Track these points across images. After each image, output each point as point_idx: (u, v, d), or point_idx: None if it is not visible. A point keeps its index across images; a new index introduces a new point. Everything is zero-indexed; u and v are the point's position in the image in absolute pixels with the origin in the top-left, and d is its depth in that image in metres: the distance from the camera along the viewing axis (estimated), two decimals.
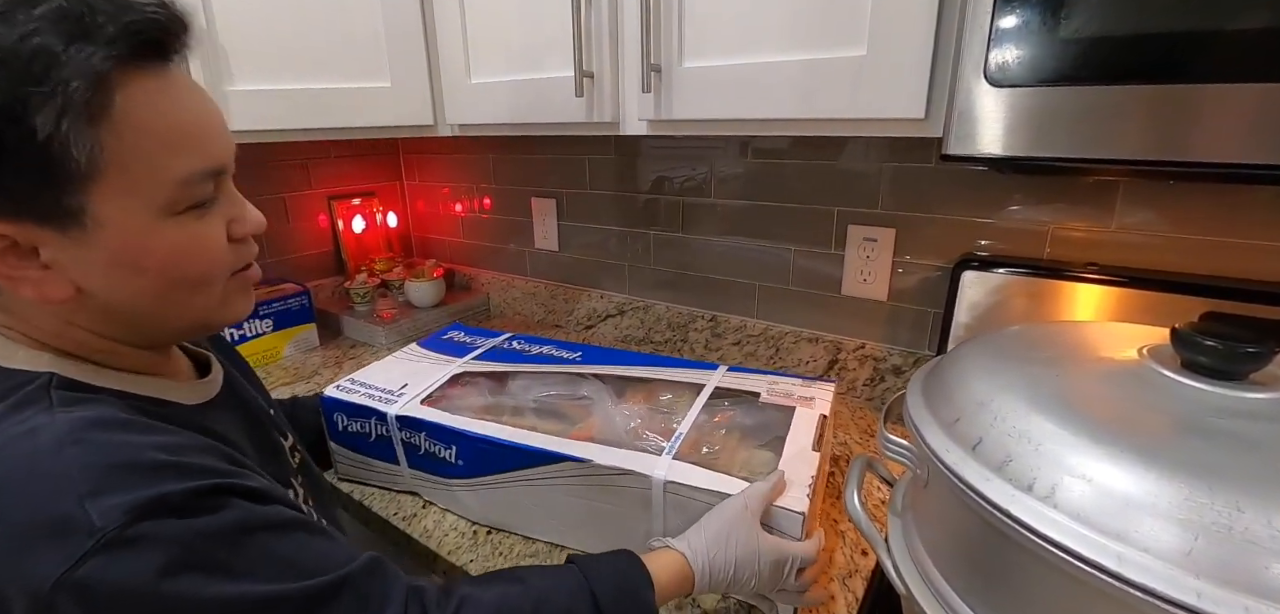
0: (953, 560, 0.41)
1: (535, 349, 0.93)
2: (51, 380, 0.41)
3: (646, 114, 0.80)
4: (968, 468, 0.36)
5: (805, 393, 0.77)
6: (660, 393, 0.80)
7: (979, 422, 0.38)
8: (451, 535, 0.74)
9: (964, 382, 0.41)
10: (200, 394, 0.51)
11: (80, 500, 0.33)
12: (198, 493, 0.36)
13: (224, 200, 0.46)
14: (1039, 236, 0.86)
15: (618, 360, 0.88)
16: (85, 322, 0.43)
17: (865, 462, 0.53)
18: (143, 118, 0.39)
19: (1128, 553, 0.29)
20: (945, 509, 0.41)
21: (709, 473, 0.61)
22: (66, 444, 0.36)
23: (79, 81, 0.35)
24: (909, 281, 0.97)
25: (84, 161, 0.37)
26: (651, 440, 0.68)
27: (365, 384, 0.81)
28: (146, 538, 0.34)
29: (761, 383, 0.79)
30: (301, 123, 0.97)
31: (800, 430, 0.68)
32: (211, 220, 0.45)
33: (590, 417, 0.75)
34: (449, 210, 1.57)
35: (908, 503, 0.49)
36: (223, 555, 0.36)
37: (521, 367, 0.87)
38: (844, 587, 0.66)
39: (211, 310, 0.47)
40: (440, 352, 0.93)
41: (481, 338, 0.98)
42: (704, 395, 0.77)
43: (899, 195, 0.95)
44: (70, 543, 0.32)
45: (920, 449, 0.42)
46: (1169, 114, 0.48)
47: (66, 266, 0.40)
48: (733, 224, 1.12)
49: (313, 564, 0.39)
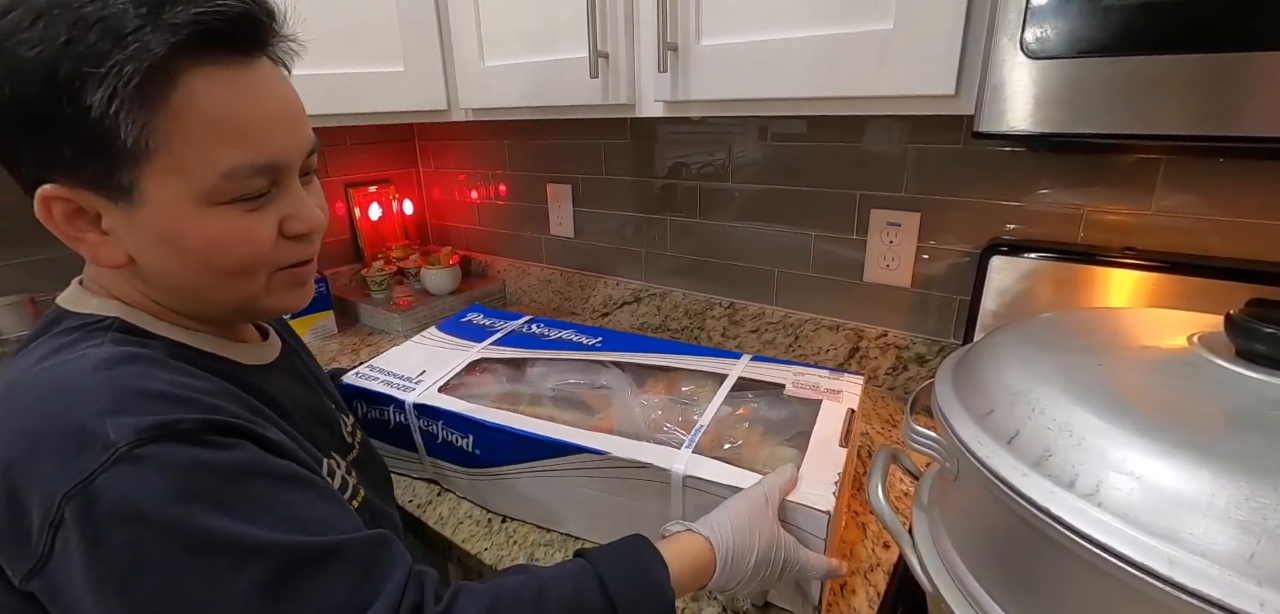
0: (984, 559, 0.39)
1: (554, 335, 0.92)
2: (114, 324, 0.44)
3: (663, 95, 0.78)
4: (1003, 462, 0.34)
5: (832, 385, 0.73)
6: (681, 383, 0.78)
7: (1015, 413, 0.35)
8: (466, 523, 0.73)
9: (997, 371, 0.39)
10: (258, 357, 0.53)
11: (100, 415, 0.35)
12: (209, 425, 0.38)
13: (284, 195, 0.46)
14: (1072, 220, 0.82)
15: (638, 347, 0.86)
16: (144, 289, 0.46)
17: (889, 453, 0.51)
18: (199, 106, 0.39)
19: (1181, 556, 0.27)
20: (976, 505, 0.39)
21: (730, 468, 0.59)
22: (101, 368, 0.38)
23: (133, 65, 0.36)
24: (934, 268, 0.94)
25: (133, 142, 0.38)
26: (671, 432, 0.66)
27: (384, 371, 0.81)
28: (152, 459, 0.35)
29: (786, 374, 0.76)
30: (316, 109, 0.94)
31: (826, 424, 0.66)
32: (262, 214, 0.45)
33: (609, 406, 0.73)
34: (465, 197, 1.57)
35: (934, 497, 0.47)
36: (224, 492, 0.36)
37: (540, 353, 0.86)
38: (865, 581, 0.64)
39: (255, 298, 0.47)
40: (459, 336, 0.92)
41: (501, 321, 0.97)
42: (726, 387, 0.74)
43: (924, 178, 0.91)
44: (86, 455, 0.34)
45: (950, 441, 0.40)
46: (1220, 85, 0.45)
47: (122, 236, 0.42)
48: (751, 209, 1.09)
49: (314, 524, 0.39)
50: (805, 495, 0.55)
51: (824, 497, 0.55)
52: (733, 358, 0.81)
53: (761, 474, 0.57)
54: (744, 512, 0.52)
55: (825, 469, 0.58)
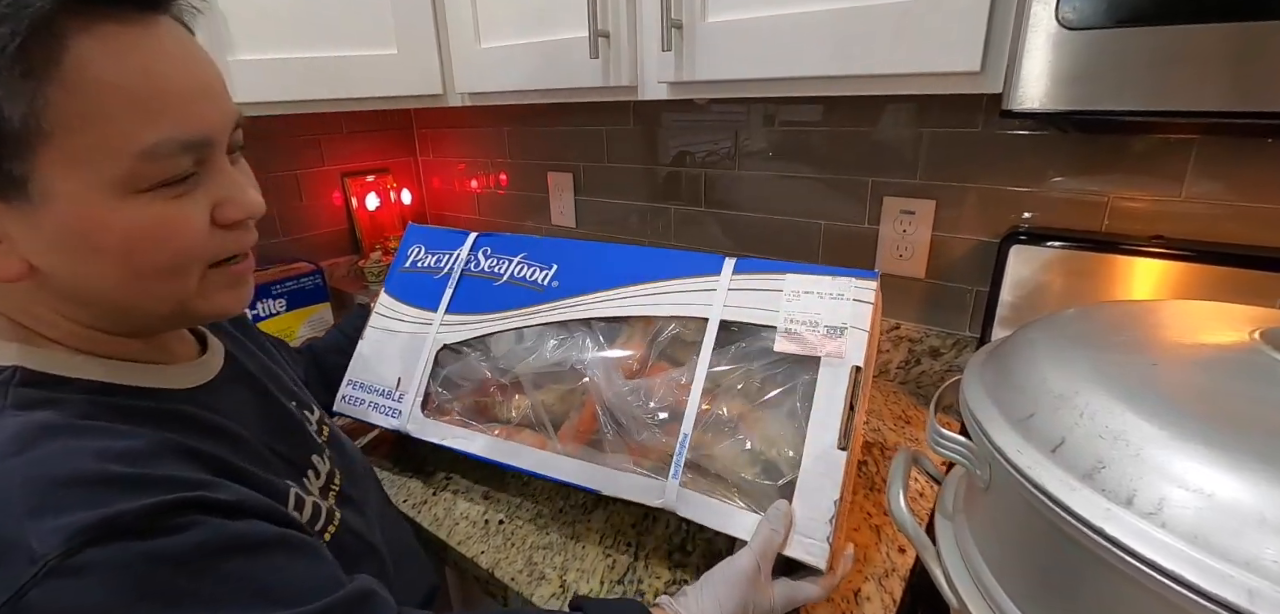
0: (1020, 576, 0.35)
1: (505, 270, 0.78)
2: (14, 377, 0.36)
3: (666, 76, 0.74)
4: (1047, 474, 0.30)
5: (832, 320, 0.58)
6: (661, 327, 0.68)
7: (1060, 419, 0.32)
8: (462, 524, 0.70)
9: (1036, 370, 0.36)
10: (197, 375, 0.46)
11: (20, 521, 0.29)
12: (157, 511, 0.32)
13: (211, 178, 0.39)
14: (1096, 207, 0.78)
15: (599, 279, 0.72)
16: (52, 304, 0.38)
17: (910, 457, 0.48)
18: (101, 75, 0.33)
19: (1262, 586, 0.24)
20: (1012, 517, 0.35)
21: (718, 505, 0.57)
22: (9, 454, 0.32)
23: (9, 27, 0.30)
24: (949, 257, 0.90)
25: (21, 123, 0.31)
26: (655, 433, 0.62)
27: (363, 386, 0.78)
28: (94, 565, 0.29)
29: (775, 309, 0.61)
30: (306, 93, 0.93)
31: (824, 408, 0.56)
32: (191, 201, 0.38)
33: (587, 395, 0.68)
34: (464, 187, 1.53)
35: (959, 505, 0.44)
36: (184, 582, 0.31)
37: (501, 321, 0.75)
38: (880, 587, 0.61)
39: (187, 302, 0.40)
40: (411, 301, 0.82)
41: (444, 254, 0.83)
42: (710, 336, 0.63)
43: (940, 163, 0.87)
44: (9, 570, 0.28)
45: (982, 447, 0.36)
46: (1270, 55, 0.41)
47: (18, 241, 0.35)
48: (759, 197, 1.05)
49: (288, 591, 0.35)
50: (799, 545, 0.52)
51: (818, 549, 0.52)
52: (712, 272, 0.66)
53: (747, 508, 0.56)
54: (737, 597, 0.48)
55: (821, 498, 0.53)
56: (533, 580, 0.62)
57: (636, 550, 0.65)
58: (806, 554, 0.52)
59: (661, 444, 0.62)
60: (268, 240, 1.34)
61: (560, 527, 0.69)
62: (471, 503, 0.73)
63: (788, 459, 0.57)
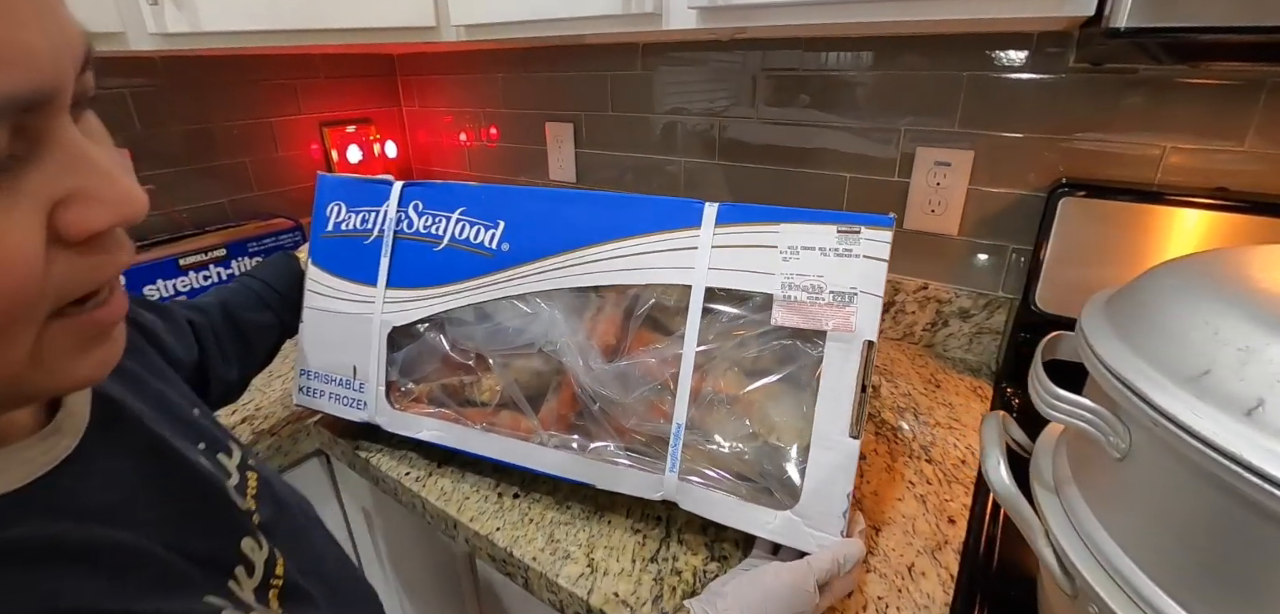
0: (1178, 564, 0.30)
1: (444, 231, 0.65)
2: None
3: (698, 1, 0.66)
4: (1245, 444, 0.25)
5: (837, 285, 0.50)
6: (638, 294, 0.58)
7: (1250, 375, 0.26)
8: (473, 498, 0.64)
9: (1200, 317, 0.30)
10: (45, 456, 0.29)
11: None
12: None
13: (45, 162, 0.23)
14: (1149, 160, 0.73)
15: (559, 241, 0.60)
16: None
17: (1000, 424, 0.42)
18: None
19: None
20: (1169, 493, 0.30)
21: (723, 499, 0.53)
22: None
23: None
24: (986, 212, 0.85)
25: None
26: (646, 416, 0.57)
27: (319, 376, 0.71)
28: None
29: (770, 270, 0.52)
30: (280, 23, 0.82)
31: (833, 391, 0.49)
32: (9, 204, 0.21)
33: (562, 372, 0.60)
34: (453, 140, 1.43)
35: (1068, 475, 0.38)
36: None
37: (451, 297, 0.64)
38: (934, 561, 0.56)
39: (17, 378, 0.24)
40: (344, 274, 0.69)
41: (369, 211, 0.69)
42: (695, 309, 0.54)
43: (980, 110, 0.81)
44: None
45: (1129, 408, 0.31)
46: None
47: None
48: (777, 149, 0.99)
49: None
50: (811, 542, 0.50)
51: (831, 544, 0.50)
52: (692, 223, 0.55)
53: (765, 508, 0.51)
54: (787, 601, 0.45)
55: (831, 499, 0.50)
56: (557, 559, 0.56)
57: (668, 525, 0.60)
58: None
59: (652, 426, 0.56)
60: (241, 195, 1.23)
61: (582, 500, 0.63)
62: (480, 474, 0.67)
63: (792, 449, 0.52)
